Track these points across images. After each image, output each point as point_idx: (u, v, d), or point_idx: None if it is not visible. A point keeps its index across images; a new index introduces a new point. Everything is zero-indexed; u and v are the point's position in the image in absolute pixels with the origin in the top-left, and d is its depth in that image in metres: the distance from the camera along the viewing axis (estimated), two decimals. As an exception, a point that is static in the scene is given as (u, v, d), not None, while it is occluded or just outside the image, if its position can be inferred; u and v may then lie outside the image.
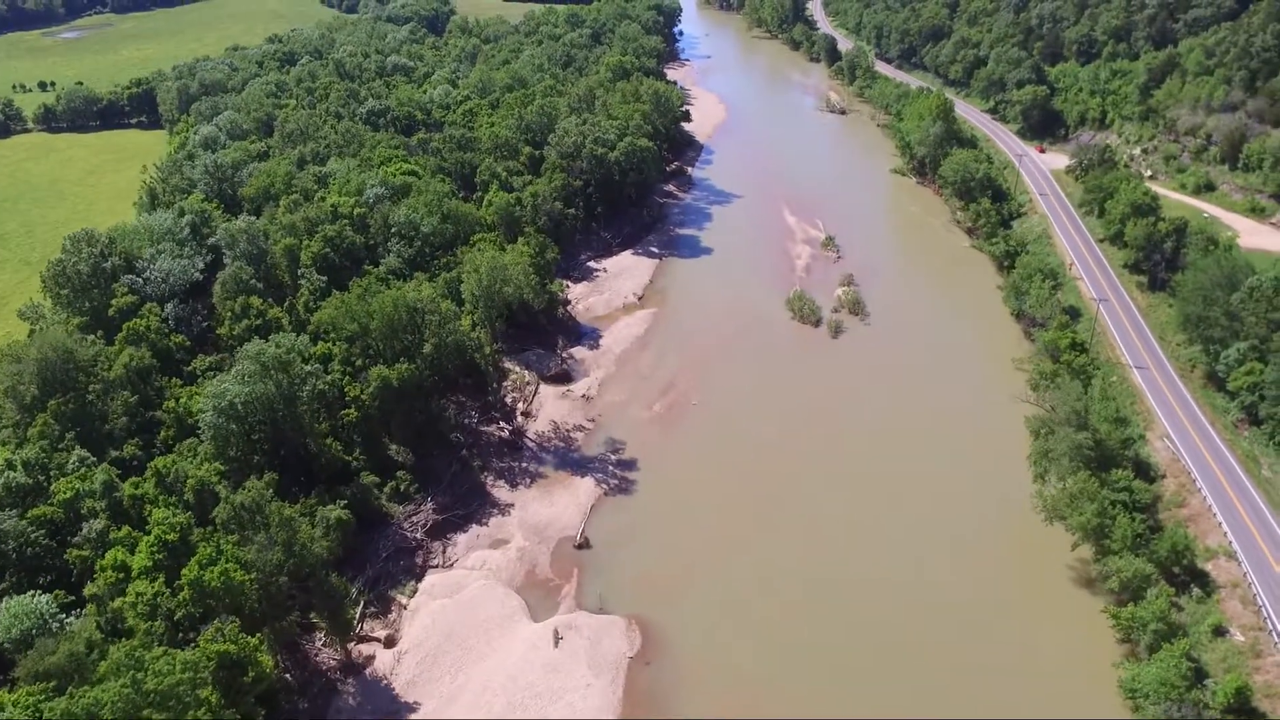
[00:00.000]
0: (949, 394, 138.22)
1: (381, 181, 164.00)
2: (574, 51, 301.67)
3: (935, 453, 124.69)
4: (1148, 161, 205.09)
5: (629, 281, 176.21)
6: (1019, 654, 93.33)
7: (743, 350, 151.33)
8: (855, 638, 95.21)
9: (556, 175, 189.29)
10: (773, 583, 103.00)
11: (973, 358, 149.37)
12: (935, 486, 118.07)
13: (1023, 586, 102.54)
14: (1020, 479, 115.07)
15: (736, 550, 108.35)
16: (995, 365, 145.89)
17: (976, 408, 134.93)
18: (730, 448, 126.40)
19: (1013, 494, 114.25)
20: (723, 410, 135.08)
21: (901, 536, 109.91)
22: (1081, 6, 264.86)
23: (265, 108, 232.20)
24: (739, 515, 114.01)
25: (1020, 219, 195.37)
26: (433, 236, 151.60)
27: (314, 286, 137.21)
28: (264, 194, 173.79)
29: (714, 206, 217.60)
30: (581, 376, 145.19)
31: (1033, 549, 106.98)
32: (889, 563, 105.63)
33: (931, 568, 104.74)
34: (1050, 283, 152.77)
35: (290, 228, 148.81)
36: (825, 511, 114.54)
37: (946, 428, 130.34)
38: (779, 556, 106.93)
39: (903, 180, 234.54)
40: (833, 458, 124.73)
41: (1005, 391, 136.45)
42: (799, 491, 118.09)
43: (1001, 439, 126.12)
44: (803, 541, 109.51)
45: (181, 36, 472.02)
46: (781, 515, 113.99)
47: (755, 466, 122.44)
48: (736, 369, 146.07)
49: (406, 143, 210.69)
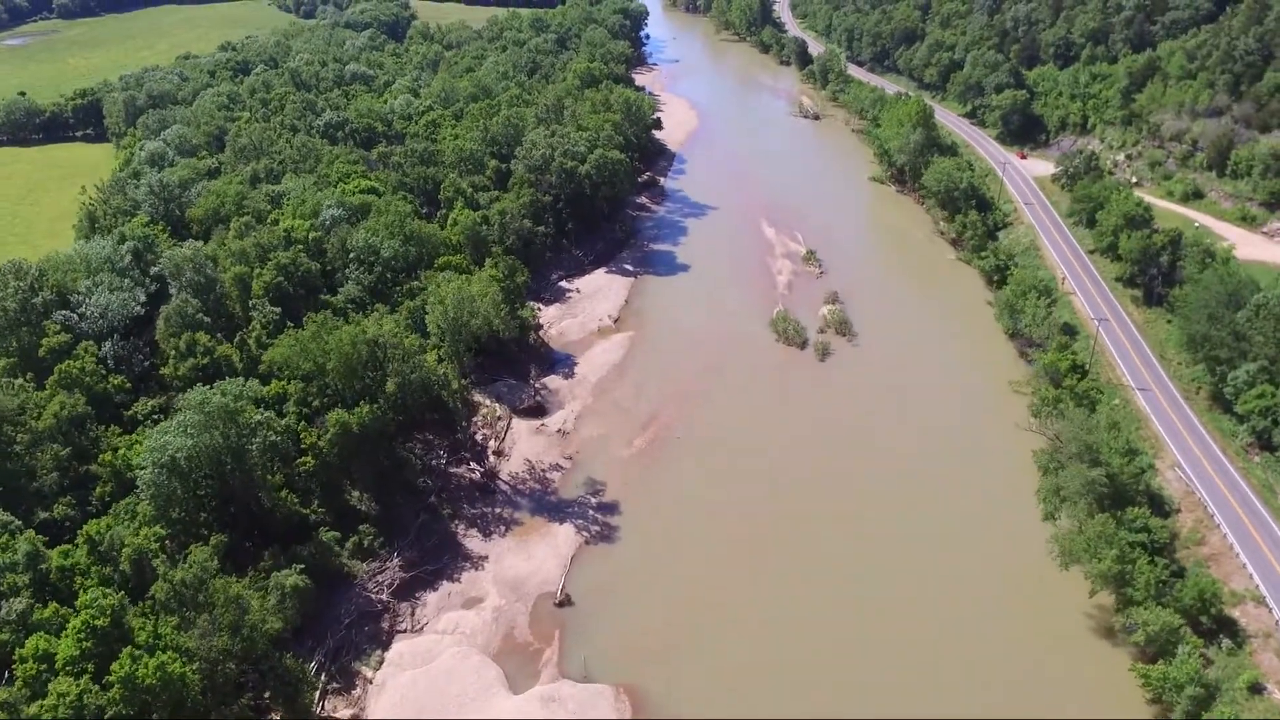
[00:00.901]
0: (947, 422, 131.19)
1: (339, 201, 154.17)
2: (540, 58, 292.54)
3: (936, 487, 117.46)
4: (1132, 168, 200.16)
5: (603, 303, 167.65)
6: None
7: (726, 377, 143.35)
8: (865, 707, 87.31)
9: (525, 190, 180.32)
10: (771, 640, 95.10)
11: (968, 381, 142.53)
12: (938, 525, 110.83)
13: (1040, 640, 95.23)
14: (1028, 515, 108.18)
15: (729, 603, 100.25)
16: (992, 389, 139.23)
17: (976, 436, 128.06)
18: (718, 487, 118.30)
19: (1021, 531, 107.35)
20: (708, 444, 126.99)
21: (905, 583, 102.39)
22: (1057, 9, 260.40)
23: (216, 121, 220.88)
24: (731, 564, 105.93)
25: (1006, 229, 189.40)
26: (394, 261, 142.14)
27: (267, 319, 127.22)
28: (213, 216, 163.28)
29: (689, 219, 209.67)
30: (556, 409, 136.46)
31: (1046, 595, 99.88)
32: (895, 615, 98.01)
33: (940, 619, 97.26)
34: (1045, 301, 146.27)
35: (241, 254, 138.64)
36: (823, 556, 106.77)
37: (946, 460, 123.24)
38: (776, 608, 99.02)
39: (882, 189, 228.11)
40: (827, 495, 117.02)
41: (1004, 418, 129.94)
42: (793, 533, 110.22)
43: (1005, 471, 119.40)
44: (801, 591, 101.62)
45: (131, 44, 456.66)
46: (776, 561, 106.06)
47: (745, 507, 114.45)
48: (720, 398, 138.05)
49: (366, 157, 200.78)
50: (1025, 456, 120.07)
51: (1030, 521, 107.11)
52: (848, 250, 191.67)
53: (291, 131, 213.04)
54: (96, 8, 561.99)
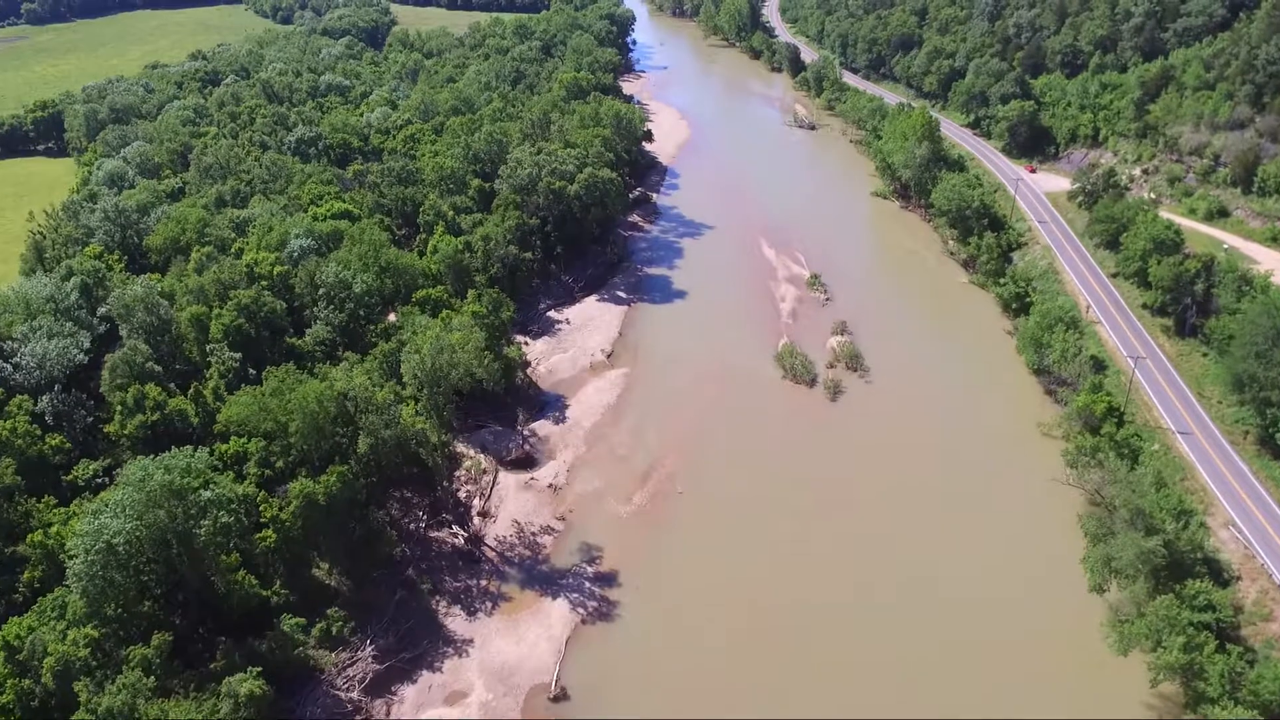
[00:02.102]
0: (974, 473, 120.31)
1: (308, 230, 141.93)
2: (524, 66, 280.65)
3: (967, 552, 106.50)
4: (1150, 183, 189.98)
5: (596, 335, 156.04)
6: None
7: (730, 421, 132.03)
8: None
9: (510, 213, 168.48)
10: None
11: (992, 423, 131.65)
12: (972, 597, 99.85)
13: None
14: (1071, 582, 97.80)
15: (746, 691, 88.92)
16: (1019, 432, 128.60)
17: (1008, 490, 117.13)
18: (726, 554, 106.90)
19: (1066, 604, 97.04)
20: (713, 501, 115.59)
21: (938, 665, 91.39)
22: (1061, 15, 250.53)
23: (181, 137, 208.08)
24: (744, 641, 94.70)
25: (1021, 250, 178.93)
26: (368, 297, 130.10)
27: (226, 367, 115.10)
28: (172, 245, 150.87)
29: (684, 239, 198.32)
30: (547, 459, 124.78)
31: (1099, 682, 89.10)
32: (929, 706, 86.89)
33: (979, 710, 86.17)
34: (1073, 334, 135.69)
35: (199, 292, 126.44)
36: (847, 636, 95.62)
37: (977, 519, 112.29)
38: (799, 697, 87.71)
39: (885, 204, 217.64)
40: (847, 561, 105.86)
41: (1036, 466, 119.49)
42: (811, 604, 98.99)
43: (1042, 530, 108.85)
44: (825, 673, 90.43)
45: (102, 51, 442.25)
46: (795, 639, 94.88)
47: (757, 578, 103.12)
48: (725, 445, 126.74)
49: (340, 176, 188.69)
50: (1063, 511, 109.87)
51: (1074, 590, 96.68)
52: (853, 273, 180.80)
53: (261, 149, 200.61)
54: (67, 13, 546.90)
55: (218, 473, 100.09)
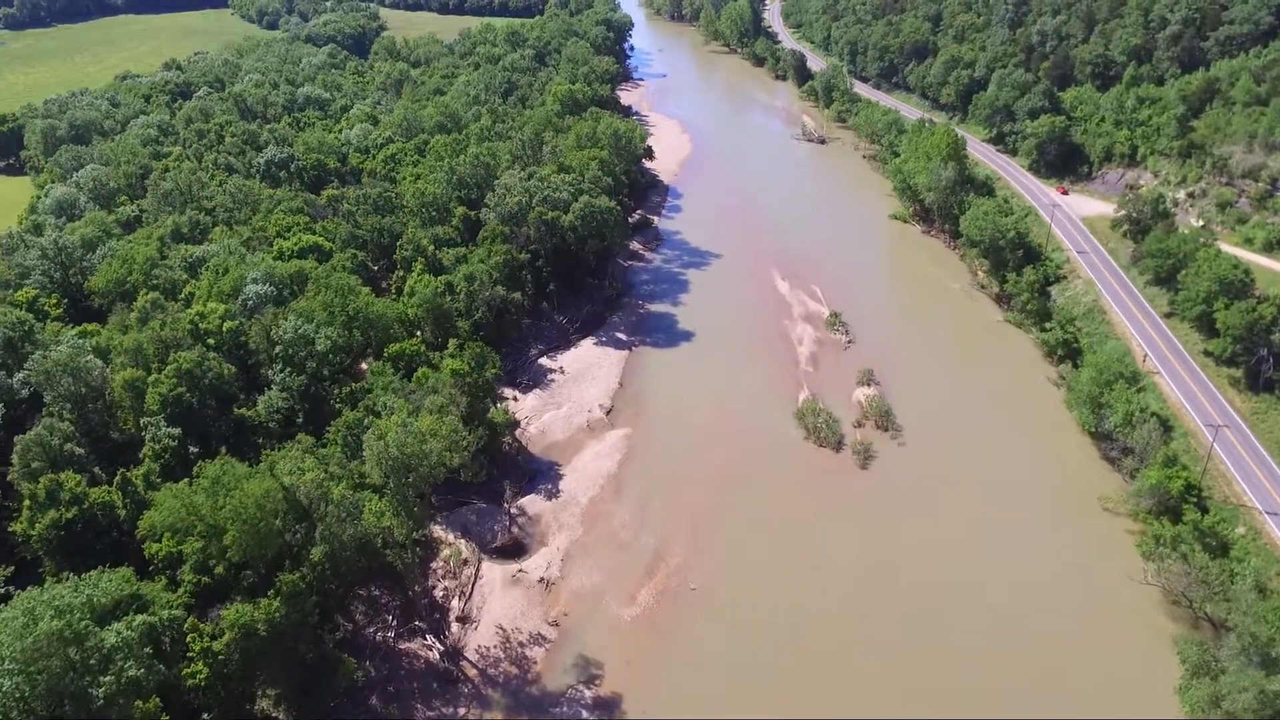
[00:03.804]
0: (1030, 560, 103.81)
1: (267, 274, 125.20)
2: (516, 76, 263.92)
3: (1030, 662, 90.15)
4: (1197, 208, 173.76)
5: (593, 386, 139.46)
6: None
7: (747, 496, 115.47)
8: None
9: (497, 247, 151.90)
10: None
11: (1046, 496, 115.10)
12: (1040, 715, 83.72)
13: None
14: (1159, 703, 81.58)
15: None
16: (1078, 507, 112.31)
17: (1071, 583, 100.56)
18: (747, 665, 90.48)
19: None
20: (730, 600, 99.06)
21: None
22: (1089, 22, 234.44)
23: (141, 159, 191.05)
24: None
25: (1060, 285, 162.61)
26: (332, 356, 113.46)
27: (162, 446, 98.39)
28: (117, 288, 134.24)
29: (689, 270, 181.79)
30: (537, 545, 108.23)
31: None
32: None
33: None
34: (1135, 393, 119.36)
35: (135, 352, 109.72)
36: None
37: (1039, 618, 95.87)
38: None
39: (905, 228, 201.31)
40: (890, 676, 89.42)
41: (1100, 550, 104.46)
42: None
43: (1116, 635, 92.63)
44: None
45: (80, 58, 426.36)
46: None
47: (782, 697, 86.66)
48: (742, 528, 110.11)
49: (313, 202, 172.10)
50: (1140, 610, 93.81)
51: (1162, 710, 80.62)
52: (875, 309, 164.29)
53: (227, 172, 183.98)
54: (47, 18, 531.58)
55: (144, 581, 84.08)
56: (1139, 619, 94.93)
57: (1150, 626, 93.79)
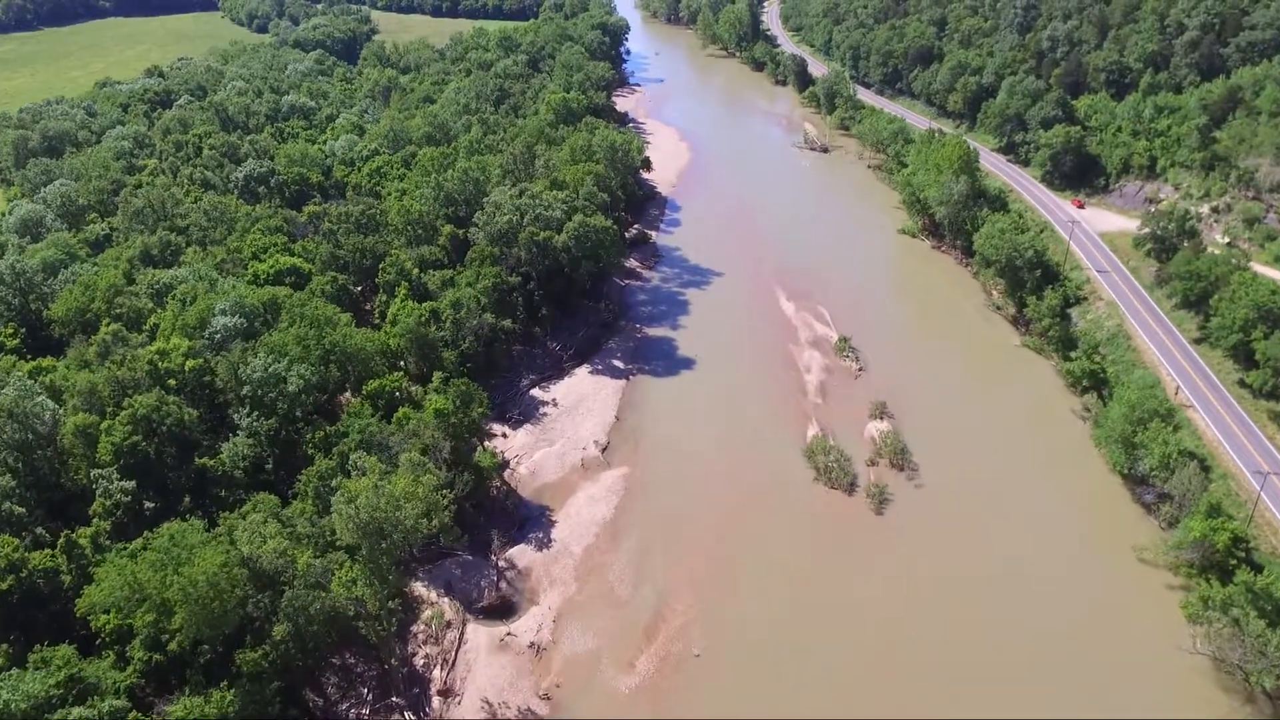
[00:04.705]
0: (1062, 621, 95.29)
1: (237, 304, 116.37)
2: (508, 84, 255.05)
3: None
4: (1222, 224, 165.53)
5: (588, 420, 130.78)
6: None
7: (754, 545, 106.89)
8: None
9: (486, 269, 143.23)
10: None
11: (1075, 544, 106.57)
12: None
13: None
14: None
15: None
16: (1111, 558, 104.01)
17: (1107, 646, 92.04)
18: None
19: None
20: (739, 667, 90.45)
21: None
22: (1103, 28, 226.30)
23: (113, 173, 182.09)
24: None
25: (1080, 307, 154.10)
26: (304, 396, 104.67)
27: (114, 502, 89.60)
28: (78, 317, 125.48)
29: (689, 289, 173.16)
30: (527, 604, 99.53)
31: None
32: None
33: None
34: (1171, 432, 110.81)
35: (90, 394, 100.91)
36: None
37: (1073, 686, 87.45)
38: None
39: (913, 243, 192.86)
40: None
41: (1137, 606, 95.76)
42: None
43: (1160, 707, 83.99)
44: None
45: (65, 63, 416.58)
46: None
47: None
48: (749, 581, 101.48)
49: (293, 220, 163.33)
50: (1183, 679, 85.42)
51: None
52: (886, 333, 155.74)
53: (203, 188, 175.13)
54: (34, 20, 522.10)
55: (89, 660, 75.72)
56: (1184, 689, 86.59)
57: (1198, 699, 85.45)
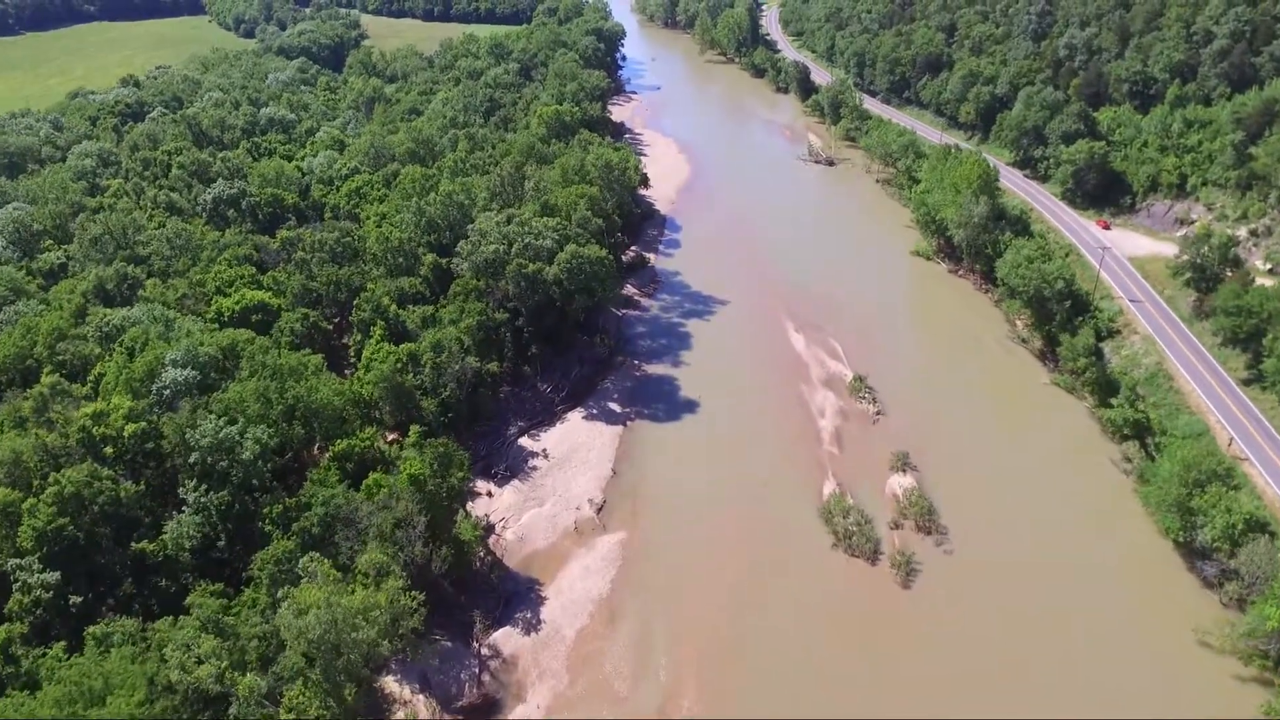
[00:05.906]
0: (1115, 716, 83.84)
1: (189, 354, 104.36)
2: (499, 94, 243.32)
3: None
4: (1263, 248, 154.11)
5: (582, 474, 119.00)
6: None
7: (767, 625, 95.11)
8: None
9: (470, 305, 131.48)
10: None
11: (1127, 626, 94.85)
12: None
13: None
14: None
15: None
16: (1169, 642, 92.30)
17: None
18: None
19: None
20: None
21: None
22: (1124, 35, 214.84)
23: (73, 194, 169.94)
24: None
25: (1114, 341, 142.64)
26: (261, 464, 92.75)
27: (33, 600, 77.64)
28: (16, 364, 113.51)
29: (691, 320, 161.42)
30: (513, 700, 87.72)
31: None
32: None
33: None
34: (1231, 494, 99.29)
35: (13, 464, 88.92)
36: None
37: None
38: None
39: (929, 266, 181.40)
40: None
41: (1205, 707, 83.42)
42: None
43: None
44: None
45: (43, 69, 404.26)
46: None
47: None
48: (762, 671, 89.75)
49: (263, 247, 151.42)
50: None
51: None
52: (903, 370, 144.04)
53: (168, 212, 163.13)
54: (16, 24, 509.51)
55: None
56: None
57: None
